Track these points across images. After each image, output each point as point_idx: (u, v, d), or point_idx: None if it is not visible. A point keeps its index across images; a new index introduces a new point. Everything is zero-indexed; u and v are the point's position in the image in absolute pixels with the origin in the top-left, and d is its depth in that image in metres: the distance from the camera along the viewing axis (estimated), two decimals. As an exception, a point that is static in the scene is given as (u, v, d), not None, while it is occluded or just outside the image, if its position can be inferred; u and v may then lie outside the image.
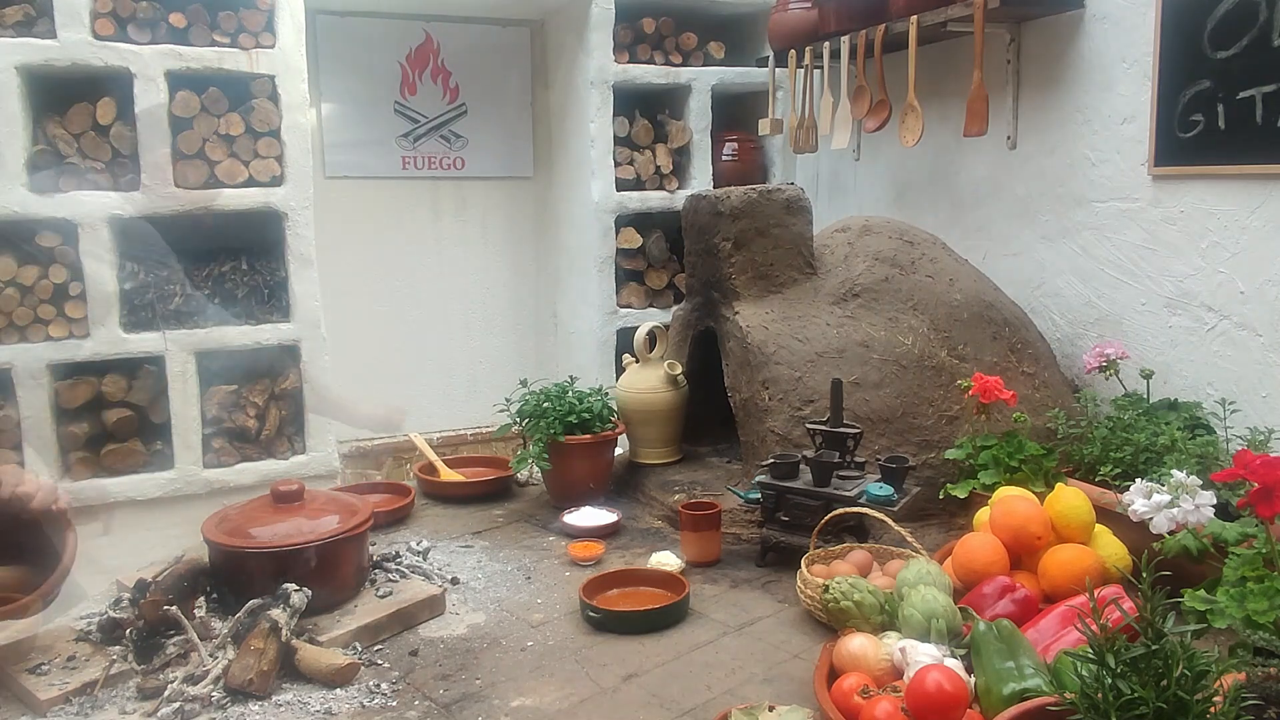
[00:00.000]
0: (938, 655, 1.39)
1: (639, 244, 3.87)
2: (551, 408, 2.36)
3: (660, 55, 3.86)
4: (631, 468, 2.57)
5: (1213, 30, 2.21)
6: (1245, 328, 2.24)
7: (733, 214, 2.38)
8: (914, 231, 2.62)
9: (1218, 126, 2.22)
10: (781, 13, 3.33)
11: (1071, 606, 1.48)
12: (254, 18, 3.18)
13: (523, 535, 2.26)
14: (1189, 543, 1.55)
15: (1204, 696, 1.00)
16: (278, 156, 3.27)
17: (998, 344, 2.40)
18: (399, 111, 4.02)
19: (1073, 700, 1.06)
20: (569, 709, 1.48)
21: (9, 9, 2.95)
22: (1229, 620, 1.37)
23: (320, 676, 1.52)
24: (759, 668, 1.60)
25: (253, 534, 1.72)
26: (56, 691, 1.47)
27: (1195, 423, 2.13)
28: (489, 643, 1.70)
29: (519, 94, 4.21)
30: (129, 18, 3.05)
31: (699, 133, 3.88)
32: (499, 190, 4.26)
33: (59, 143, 3.03)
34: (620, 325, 3.81)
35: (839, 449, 2.02)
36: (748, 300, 2.39)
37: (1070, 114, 2.65)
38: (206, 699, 1.45)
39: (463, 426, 4.12)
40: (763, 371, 2.26)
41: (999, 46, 2.81)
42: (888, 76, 2.93)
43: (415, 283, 4.14)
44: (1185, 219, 2.35)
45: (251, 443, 3.35)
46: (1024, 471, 2.03)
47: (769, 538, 2.03)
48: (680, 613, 1.78)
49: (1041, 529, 1.71)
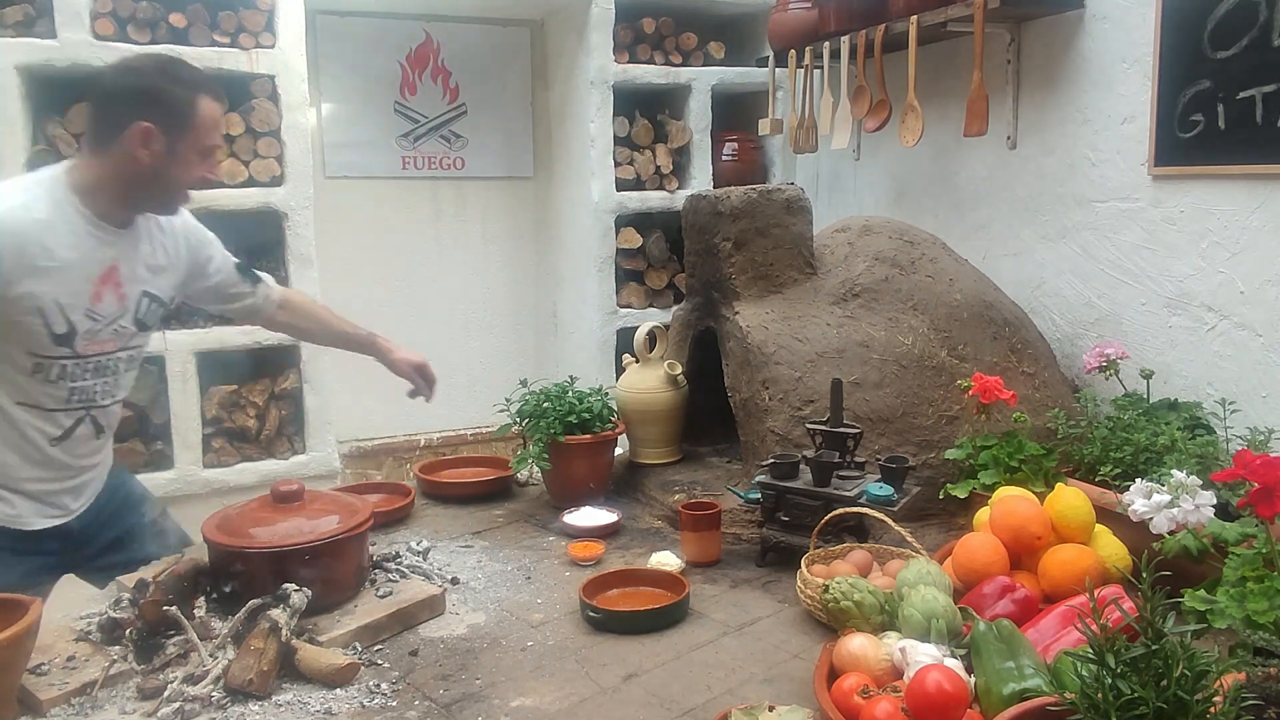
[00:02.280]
0: (938, 655, 1.39)
1: (639, 244, 3.87)
2: (551, 408, 2.36)
3: (660, 55, 3.87)
4: (631, 468, 2.57)
5: (1213, 30, 2.21)
6: (1245, 328, 2.24)
7: (733, 214, 2.38)
8: (914, 231, 2.62)
9: (1218, 126, 2.22)
10: (781, 13, 3.33)
11: (1071, 606, 1.48)
12: (254, 18, 3.19)
13: (523, 535, 2.26)
14: (1189, 543, 1.55)
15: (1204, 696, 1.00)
16: (278, 156, 3.27)
17: (998, 344, 2.40)
18: (399, 111, 4.02)
19: (1073, 700, 1.06)
20: (569, 709, 1.48)
21: (9, 9, 2.95)
22: (1229, 620, 1.37)
23: (320, 676, 1.52)
24: (759, 668, 1.60)
25: (253, 534, 1.72)
26: (56, 691, 1.47)
27: (1195, 423, 2.13)
28: (489, 643, 1.70)
29: (519, 94, 4.21)
30: (129, 18, 3.05)
31: (699, 133, 3.88)
32: (499, 190, 4.26)
33: (59, 143, 3.03)
34: (620, 325, 3.81)
35: (839, 449, 2.02)
36: (748, 300, 2.39)
37: (1070, 114, 2.65)
38: (206, 699, 1.45)
39: (463, 426, 4.12)
40: (763, 371, 2.26)
41: (999, 46, 2.81)
42: (888, 76, 2.93)
43: (415, 283, 4.14)
44: (1185, 219, 2.35)
45: (251, 443, 3.35)
46: (1024, 471, 2.03)
47: (769, 538, 2.03)
48: (680, 613, 1.78)
49: (1041, 529, 1.71)
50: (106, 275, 1.85)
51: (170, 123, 1.78)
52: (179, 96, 1.78)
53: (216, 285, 2.15)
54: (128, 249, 1.89)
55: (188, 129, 1.80)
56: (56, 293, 1.77)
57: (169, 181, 1.84)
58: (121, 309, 1.89)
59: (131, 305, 1.92)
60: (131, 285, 1.91)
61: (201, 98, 1.81)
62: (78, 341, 1.84)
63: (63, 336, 1.81)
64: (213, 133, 1.85)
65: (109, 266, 1.85)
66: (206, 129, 1.83)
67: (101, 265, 1.83)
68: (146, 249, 1.94)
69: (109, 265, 1.85)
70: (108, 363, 1.92)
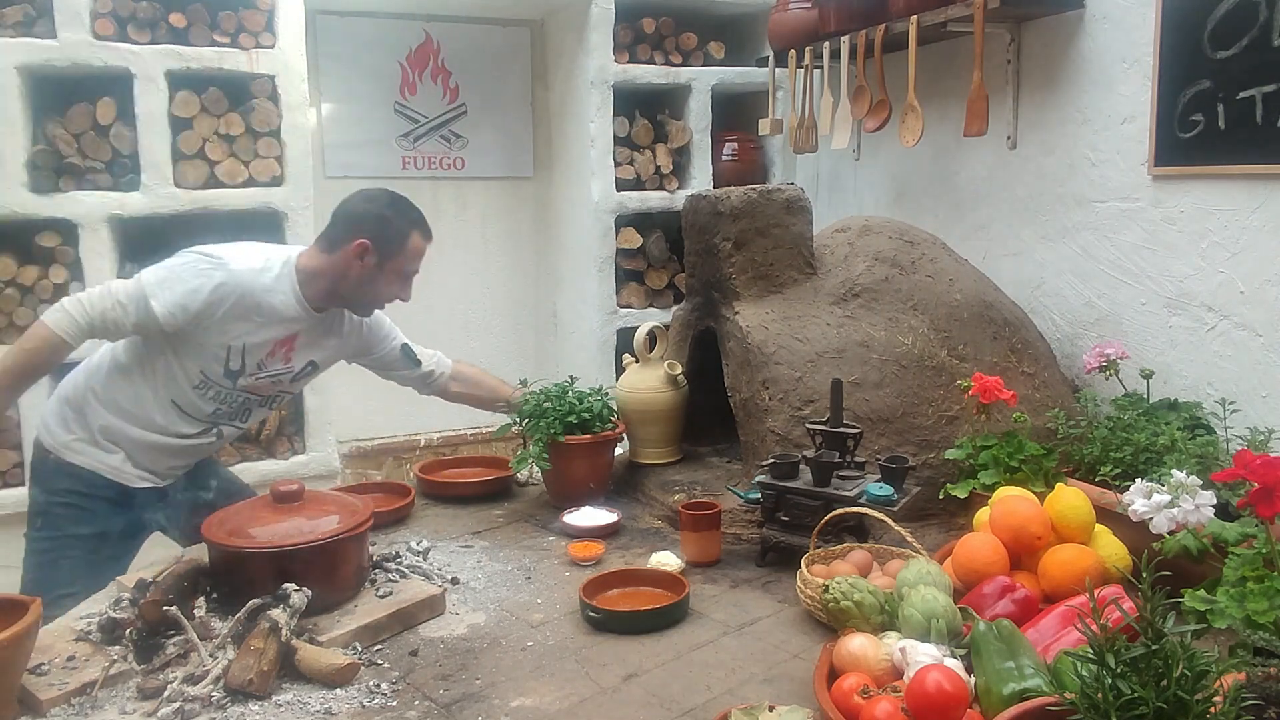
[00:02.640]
0: (938, 655, 1.39)
1: (639, 244, 3.87)
2: (552, 408, 2.36)
3: (660, 55, 3.86)
4: (631, 468, 2.57)
5: (1213, 30, 2.21)
6: (1245, 328, 2.24)
7: (733, 214, 2.38)
8: (914, 231, 2.62)
9: (1218, 126, 2.22)
10: (781, 13, 3.33)
11: (1071, 606, 1.48)
12: (254, 18, 3.19)
13: (523, 535, 2.26)
14: (1189, 543, 1.55)
15: (1204, 696, 1.00)
16: (278, 156, 3.27)
17: (998, 344, 2.40)
18: (399, 111, 4.02)
19: (1073, 700, 1.06)
20: (569, 709, 1.48)
21: (9, 9, 2.96)
22: (1229, 620, 1.37)
23: (320, 676, 1.52)
24: (759, 668, 1.60)
25: (253, 534, 1.72)
26: (56, 691, 1.47)
27: (1195, 423, 2.13)
28: (489, 643, 1.70)
29: (519, 94, 4.21)
30: (129, 18, 3.05)
31: (699, 133, 3.88)
32: (499, 190, 4.26)
33: (59, 143, 3.03)
34: (620, 325, 3.81)
35: (839, 449, 2.02)
36: (748, 300, 2.39)
37: (1070, 114, 2.65)
38: (206, 699, 1.45)
39: (463, 426, 4.12)
40: (763, 371, 2.26)
41: (999, 46, 2.81)
42: (888, 76, 2.93)
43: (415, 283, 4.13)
44: (1185, 219, 2.35)
45: (251, 443, 3.35)
46: (1024, 471, 2.03)
47: (769, 538, 2.03)
48: (680, 613, 1.78)
49: (1041, 529, 1.71)
50: (286, 341, 2.22)
51: (385, 246, 2.16)
52: (397, 227, 2.18)
53: (380, 360, 2.48)
54: (314, 327, 2.25)
55: (397, 254, 2.19)
56: (248, 341, 2.15)
57: (371, 290, 2.22)
58: (286, 369, 2.27)
59: (296, 368, 2.29)
60: (302, 354, 2.27)
61: (415, 232, 2.22)
62: (240, 379, 2.20)
63: (232, 372, 2.18)
64: (415, 261, 2.24)
65: (292, 334, 2.22)
66: (411, 257, 2.22)
67: (288, 333, 2.21)
68: (326, 329, 2.30)
69: (293, 334, 2.22)
70: (251, 401, 2.29)
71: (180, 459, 2.33)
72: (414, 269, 2.26)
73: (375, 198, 2.23)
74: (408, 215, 2.22)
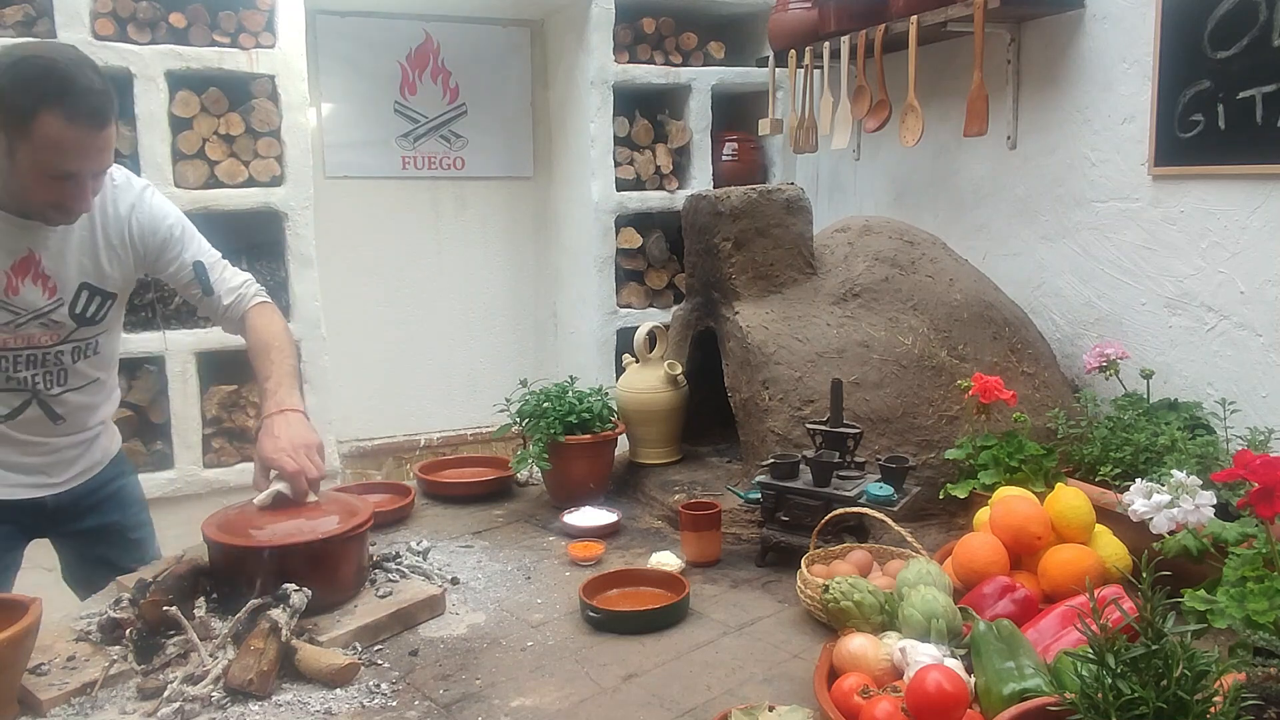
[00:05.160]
0: (938, 655, 1.39)
1: (639, 244, 3.87)
2: (551, 408, 2.36)
3: (660, 55, 3.87)
4: (631, 468, 2.57)
5: (1213, 30, 2.21)
6: (1245, 328, 2.24)
7: (733, 214, 2.38)
8: (914, 231, 2.62)
9: (1218, 126, 2.22)
10: (781, 13, 3.33)
11: (1071, 606, 1.48)
12: (254, 18, 3.19)
13: (523, 535, 2.26)
14: (1189, 543, 1.55)
15: (1204, 696, 1.00)
16: (278, 156, 3.27)
17: (998, 344, 2.40)
18: (399, 111, 4.02)
19: (1073, 700, 1.06)
20: (569, 709, 1.48)
21: (9, 9, 2.96)
22: (1229, 620, 1.37)
23: (320, 676, 1.52)
24: (759, 668, 1.60)
25: (253, 534, 1.72)
26: (56, 691, 1.47)
27: (1195, 423, 2.13)
28: (489, 643, 1.70)
29: (519, 94, 4.21)
30: (129, 18, 3.05)
31: (699, 133, 3.89)
32: (499, 190, 4.26)
33: (59, 143, 3.02)
34: (620, 325, 3.81)
35: (839, 449, 2.02)
36: (748, 300, 2.39)
37: (1070, 114, 2.65)
38: (206, 699, 1.45)
39: (463, 426, 4.12)
40: (763, 371, 2.26)
41: (999, 46, 2.81)
42: (888, 76, 2.93)
43: (415, 283, 4.14)
44: (1185, 219, 2.35)
45: (252, 443, 3.35)
46: (1024, 471, 2.03)
47: (769, 538, 2.03)
48: (680, 613, 1.78)
49: (1041, 529, 1.71)
50: (20, 266, 1.74)
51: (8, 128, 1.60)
52: (18, 103, 1.58)
53: (173, 278, 1.99)
54: (53, 239, 1.77)
55: (21, 142, 1.60)
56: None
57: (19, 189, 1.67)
58: (52, 301, 1.80)
59: (68, 297, 1.82)
60: (61, 276, 1.79)
61: (44, 111, 1.57)
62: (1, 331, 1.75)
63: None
64: (53, 153, 1.60)
65: (23, 257, 1.74)
66: (43, 146, 1.59)
67: (14, 256, 1.74)
68: (85, 238, 1.81)
69: (22, 256, 1.74)
70: (47, 355, 1.84)
71: (36, 452, 1.92)
72: (66, 166, 1.62)
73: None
74: (34, 88, 1.57)
